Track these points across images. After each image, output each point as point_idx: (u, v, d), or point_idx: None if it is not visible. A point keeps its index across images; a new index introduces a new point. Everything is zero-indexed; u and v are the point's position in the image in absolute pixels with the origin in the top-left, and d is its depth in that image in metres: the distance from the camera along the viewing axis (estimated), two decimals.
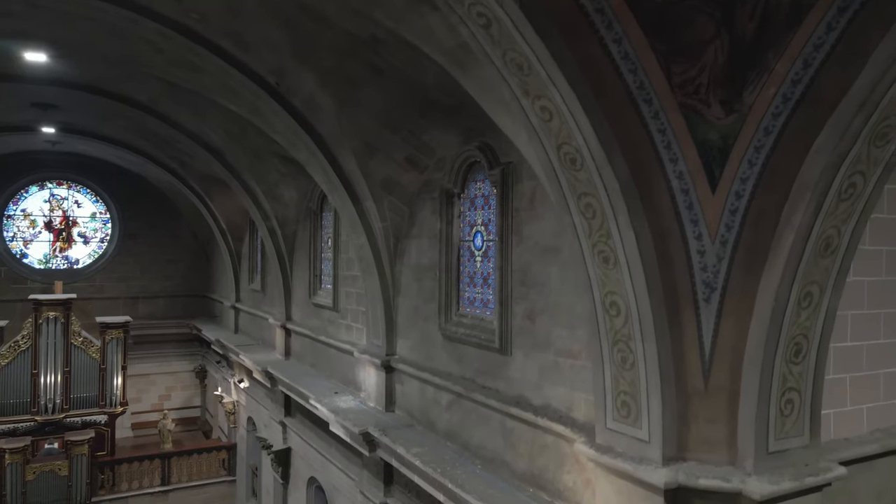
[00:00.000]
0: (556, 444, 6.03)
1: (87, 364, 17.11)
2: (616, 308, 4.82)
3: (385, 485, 9.08)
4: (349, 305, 10.85)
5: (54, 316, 16.62)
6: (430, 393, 8.24)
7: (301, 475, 12.67)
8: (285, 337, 13.53)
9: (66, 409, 16.80)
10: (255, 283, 16.43)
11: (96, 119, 14.49)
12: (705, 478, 4.48)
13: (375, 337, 9.39)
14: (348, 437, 9.12)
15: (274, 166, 12.23)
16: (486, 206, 7.36)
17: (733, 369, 4.55)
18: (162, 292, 22.33)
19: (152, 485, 16.92)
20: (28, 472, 15.29)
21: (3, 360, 16.21)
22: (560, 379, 6.07)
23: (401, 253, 9.04)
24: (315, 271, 12.31)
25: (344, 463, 10.48)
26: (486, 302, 7.32)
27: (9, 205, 20.52)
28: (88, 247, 21.61)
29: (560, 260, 6.11)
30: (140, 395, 21.55)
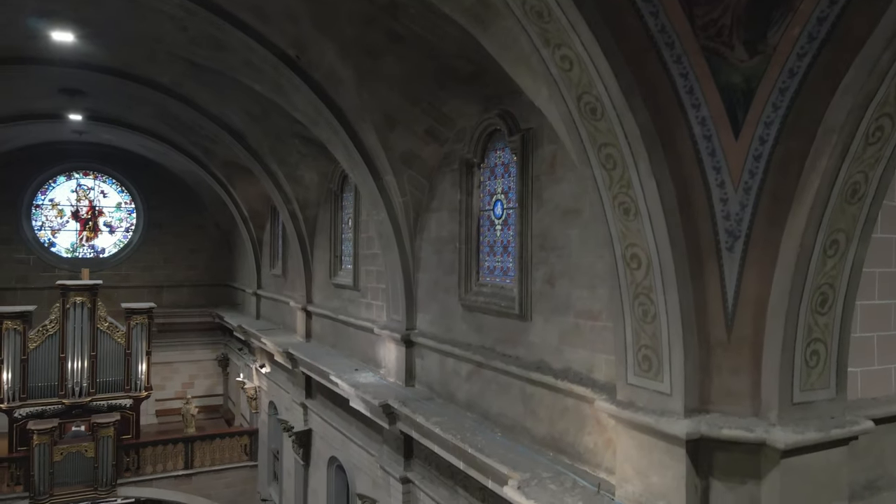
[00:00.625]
0: (576, 406, 6.00)
1: (112, 349, 17.41)
2: (637, 260, 4.78)
3: (405, 459, 9.11)
4: (369, 283, 10.89)
5: (81, 301, 16.93)
6: (449, 365, 8.25)
7: (322, 455, 12.75)
8: (306, 319, 13.63)
9: (93, 393, 17.11)
10: (276, 269, 16.58)
11: (122, 106, 14.72)
12: (728, 428, 4.43)
13: (395, 312, 9.42)
14: (368, 410, 9.16)
15: (295, 148, 12.32)
16: (505, 175, 7.34)
17: (757, 319, 4.49)
18: (185, 281, 22.63)
19: (176, 468, 17.14)
20: (56, 453, 15.59)
21: (31, 344, 16.54)
22: (580, 341, 6.04)
23: (420, 227, 9.06)
24: (335, 252, 12.39)
25: (364, 440, 10.53)
26: (505, 270, 7.31)
27: (37, 195, 20.93)
28: (114, 236, 21.98)
29: (580, 221, 6.08)
30: (164, 382, 21.87)
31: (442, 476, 8.32)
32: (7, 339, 16.28)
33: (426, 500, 8.65)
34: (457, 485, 7.96)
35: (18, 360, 16.41)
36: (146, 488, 16.87)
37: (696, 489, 4.57)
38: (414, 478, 8.89)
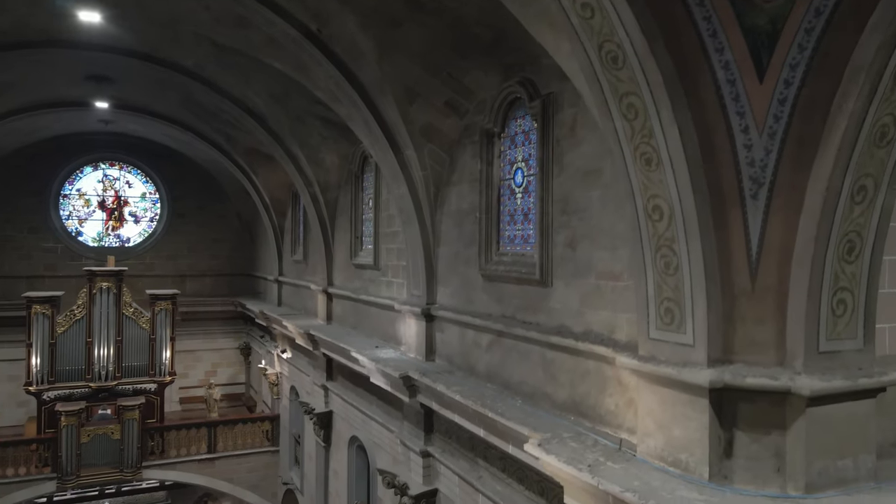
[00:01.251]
0: (597, 368, 5.97)
1: (137, 334, 17.69)
2: (659, 212, 4.74)
3: (425, 433, 9.13)
4: (389, 262, 10.94)
5: (107, 286, 17.23)
6: (469, 336, 8.25)
7: (342, 436, 12.83)
8: (327, 302, 13.72)
9: (118, 377, 17.40)
10: (297, 255, 16.72)
11: (147, 93, 14.96)
12: (752, 377, 4.38)
13: (416, 287, 9.45)
14: (388, 384, 9.20)
15: (316, 130, 12.41)
16: (526, 143, 7.33)
17: (782, 268, 4.43)
18: (209, 271, 22.91)
19: (199, 452, 17.36)
20: (83, 435, 15.88)
21: (59, 329, 16.87)
22: (602, 303, 6.01)
23: (441, 201, 9.07)
24: (356, 233, 12.45)
25: (384, 418, 10.58)
26: (526, 237, 7.30)
27: (65, 185, 21.34)
28: (139, 226, 22.33)
29: (602, 182, 6.04)
30: (187, 370, 22.14)
31: (462, 448, 8.33)
32: (36, 324, 16.62)
33: (447, 472, 8.66)
34: (477, 456, 7.97)
35: (47, 344, 16.75)
36: (170, 471, 17.10)
37: (720, 441, 4.52)
38: (434, 451, 8.91)
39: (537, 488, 6.78)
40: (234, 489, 17.77)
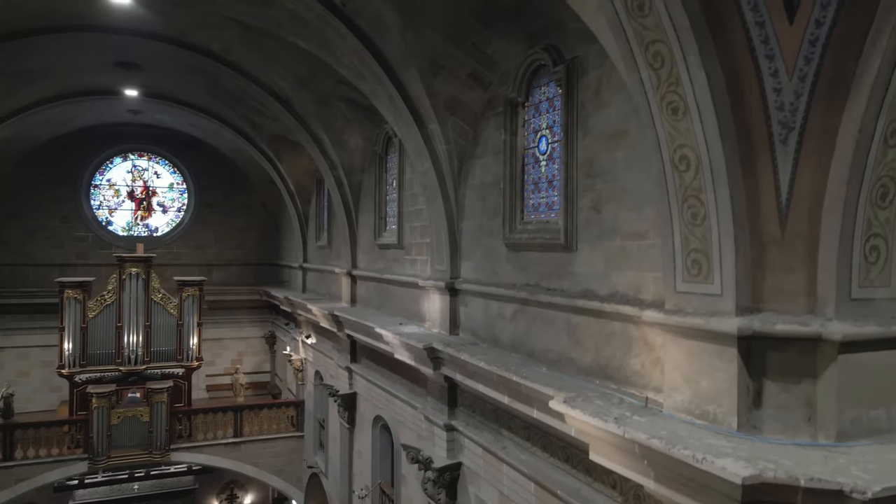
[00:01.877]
0: (623, 330, 5.93)
1: (165, 319, 17.98)
2: (686, 162, 4.69)
3: (449, 407, 9.15)
4: (413, 240, 10.97)
5: (136, 272, 17.54)
6: (493, 308, 8.24)
7: (366, 417, 12.90)
8: (351, 285, 13.81)
9: (147, 362, 17.70)
10: (321, 240, 16.85)
11: (174, 80, 15.20)
12: (782, 323, 4.31)
13: (440, 263, 9.47)
14: (412, 358, 9.23)
15: (340, 112, 12.49)
16: (550, 110, 7.30)
17: (813, 214, 4.36)
18: (235, 260, 23.20)
19: (225, 436, 17.57)
20: (113, 417, 16.18)
21: (90, 313, 17.22)
22: (627, 263, 5.96)
23: (465, 175, 9.08)
24: (380, 214, 12.51)
25: (408, 395, 10.61)
26: (550, 204, 7.27)
27: (95, 175, 21.77)
28: (167, 216, 22.69)
29: (627, 142, 6.00)
30: (214, 358, 22.44)
31: (486, 420, 8.33)
32: (68, 308, 16.99)
33: (470, 445, 8.67)
34: (501, 427, 7.96)
35: (79, 329, 17.11)
36: (198, 454, 17.34)
37: (748, 390, 4.46)
38: (458, 425, 8.92)
39: (562, 454, 6.76)
40: (260, 473, 17.96)
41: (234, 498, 23.17)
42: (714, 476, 3.88)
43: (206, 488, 22.33)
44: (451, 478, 9.01)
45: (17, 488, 15.60)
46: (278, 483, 18.15)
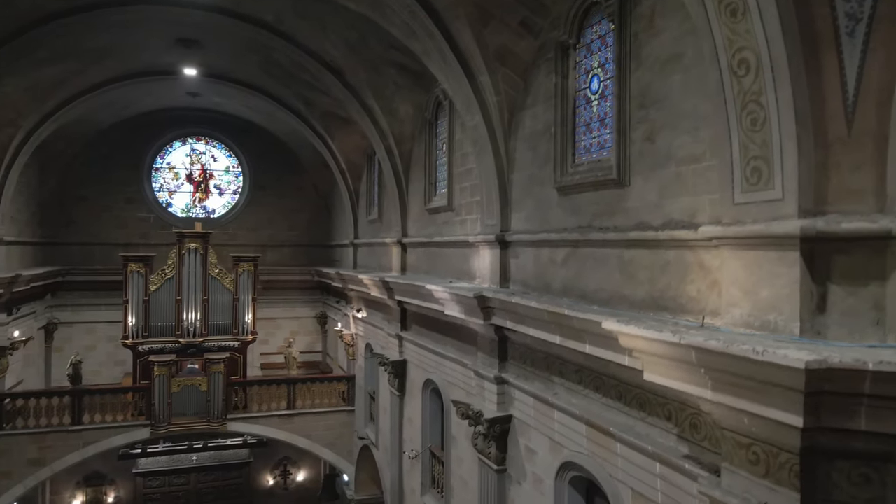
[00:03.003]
0: (678, 257, 5.81)
1: (222, 294, 18.55)
2: (745, 65, 4.56)
3: (500, 361, 9.14)
4: (463, 200, 11.00)
5: (195, 247, 18.15)
6: (545, 255, 8.19)
7: (416, 383, 13.00)
8: (401, 254, 13.94)
9: (205, 335, 18.29)
10: (372, 214, 17.07)
11: (230, 58, 15.65)
12: (849, 222, 4.14)
13: (490, 217, 9.46)
14: (463, 310, 9.26)
15: (391, 78, 12.63)
16: (602, 48, 7.21)
17: (881, 109, 4.18)
18: (287, 241, 23.72)
19: (279, 408, 17.99)
20: (173, 385, 16.79)
21: (152, 287, 17.92)
22: (682, 189, 5.84)
23: (515, 127, 9.05)
24: (430, 179, 12.60)
25: (457, 354, 10.65)
26: (602, 143, 7.18)
27: (157, 158, 22.60)
28: (223, 198, 23.38)
29: (682, 65, 5.87)
30: (268, 337, 23.00)
31: (536, 369, 8.29)
32: (132, 281, 17.71)
33: (521, 397, 8.64)
34: (552, 374, 7.91)
35: (141, 301, 17.82)
36: (253, 425, 17.82)
37: (812, 295, 4.31)
38: (508, 377, 8.91)
39: (614, 393, 6.68)
40: (313, 446, 18.31)
41: (288, 474, 23.69)
42: (776, 367, 3.77)
43: (261, 463, 22.92)
44: (502, 430, 8.99)
45: (84, 451, 16.33)
46: (330, 456, 18.47)
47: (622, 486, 6.50)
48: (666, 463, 5.80)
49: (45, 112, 15.82)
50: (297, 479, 23.73)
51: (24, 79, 14.05)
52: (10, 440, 15.77)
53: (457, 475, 10.98)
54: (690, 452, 5.57)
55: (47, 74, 14.31)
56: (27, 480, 15.92)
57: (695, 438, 5.54)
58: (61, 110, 16.13)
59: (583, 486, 7.59)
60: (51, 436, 16.07)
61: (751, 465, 4.59)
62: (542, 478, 8.13)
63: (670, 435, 5.86)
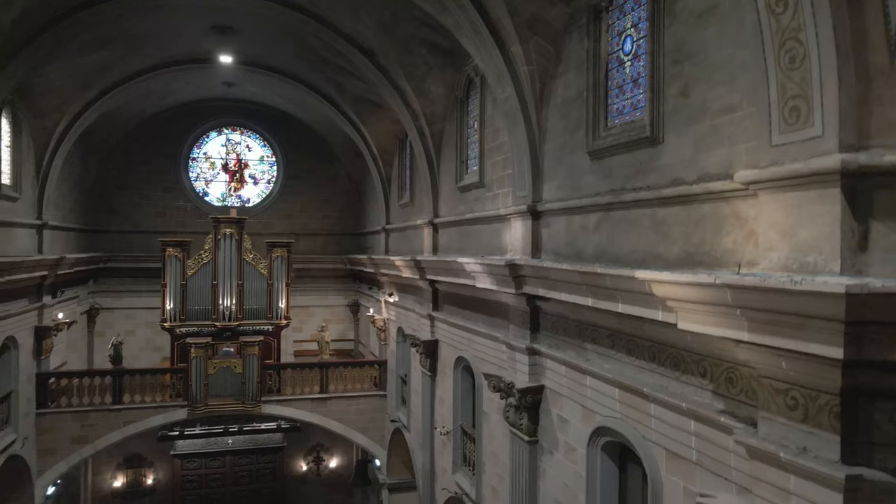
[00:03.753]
0: (713, 210, 5.71)
1: (256, 279, 18.85)
2: (783, 2, 4.47)
3: (531, 332, 9.12)
4: (494, 175, 11.00)
5: (230, 232, 18.49)
6: (576, 222, 8.14)
7: (447, 362, 13.03)
8: (433, 234, 13.99)
9: (240, 319, 18.63)
10: (403, 198, 17.16)
11: (265, 44, 15.90)
12: (892, 155, 4.03)
13: (521, 189, 9.43)
14: (495, 281, 9.25)
15: (422, 58, 12.68)
16: (635, 7, 7.13)
17: None
18: (320, 230, 24.00)
19: (312, 392, 18.20)
20: (209, 367, 17.13)
21: (189, 271, 18.31)
22: (717, 141, 5.74)
23: (546, 97, 9.01)
24: (461, 157, 12.62)
25: (489, 329, 10.64)
26: (635, 104, 7.10)
27: (193, 148, 23.09)
28: (257, 187, 23.77)
29: (717, 16, 5.77)
30: (301, 325, 23.31)
31: (569, 338, 8.25)
32: (169, 266, 18.14)
33: (553, 366, 8.60)
34: (584, 341, 7.86)
35: (179, 285, 18.24)
36: (286, 407, 18.06)
37: (853, 233, 4.20)
38: (540, 348, 8.88)
39: (648, 354, 6.61)
40: (345, 429, 18.49)
41: (321, 461, 23.98)
42: (814, 296, 3.69)
43: (294, 449, 23.24)
44: (534, 401, 8.97)
45: (125, 430, 16.78)
46: (362, 440, 18.61)
47: (656, 448, 6.43)
48: (701, 419, 5.72)
49: (88, 99, 16.30)
50: (329, 466, 24.01)
51: (68, 65, 14.50)
52: (54, 418, 16.28)
53: (488, 451, 10.98)
54: (726, 407, 5.48)
55: (90, 60, 14.73)
56: (70, 457, 16.42)
57: (730, 393, 5.45)
58: (103, 98, 16.59)
59: (615, 452, 7.53)
60: (93, 414, 16.54)
61: (789, 411, 4.51)
62: (574, 446, 8.08)
63: (705, 392, 5.78)
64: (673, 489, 6.18)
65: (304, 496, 23.46)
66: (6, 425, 14.32)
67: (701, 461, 5.78)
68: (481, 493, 11.24)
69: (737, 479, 5.31)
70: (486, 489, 11.06)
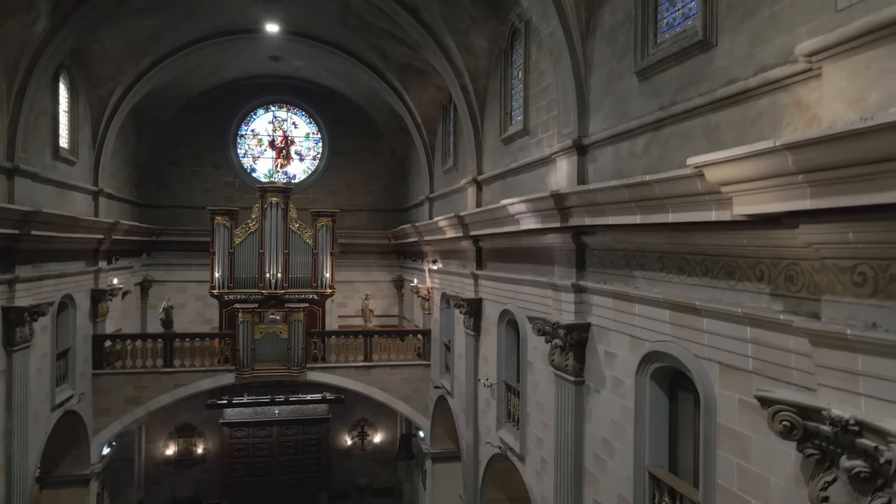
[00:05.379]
0: (771, 103, 5.42)
1: (301, 248, 19.07)
2: None
3: (577, 270, 8.91)
4: (539, 120, 10.80)
5: (276, 201, 18.75)
6: (624, 149, 7.89)
7: (491, 319, 12.89)
8: (476, 192, 13.85)
9: (286, 287, 18.87)
10: (447, 164, 17.07)
11: (310, 11, 16.04)
12: None
13: (567, 126, 9.21)
14: (539, 217, 9.07)
15: (465, 10, 12.55)
16: None
17: None
18: (364, 206, 24.16)
19: (356, 360, 18.30)
20: (256, 332, 17.39)
21: (237, 239, 18.64)
22: (776, 30, 5.43)
23: (592, 27, 8.76)
24: (505, 109, 12.46)
25: (534, 276, 10.44)
26: (686, 13, 6.83)
27: (241, 125, 23.52)
28: (303, 164, 24.06)
29: None
30: (346, 300, 23.48)
31: (616, 269, 8.02)
32: (218, 234, 18.50)
33: (599, 301, 8.38)
34: (632, 269, 7.62)
35: (227, 254, 18.59)
36: (331, 375, 18.20)
37: None
38: (586, 284, 8.65)
39: (699, 269, 6.36)
40: (389, 398, 18.52)
41: (365, 435, 24.13)
42: (888, 130, 3.42)
43: (339, 423, 23.43)
44: (579, 339, 8.76)
45: (175, 392, 17.19)
46: (405, 409, 18.61)
47: (709, 365, 6.16)
48: (758, 323, 5.44)
49: (140, 70, 16.74)
50: (374, 441, 24.14)
51: (121, 33, 14.90)
52: (109, 379, 16.80)
53: (532, 401, 10.79)
54: (785, 307, 5.20)
55: (142, 27, 15.11)
56: (124, 418, 16.91)
57: (790, 291, 5.16)
58: (154, 69, 17.01)
59: (665, 380, 7.27)
60: (145, 376, 17.01)
61: (856, 288, 4.23)
62: (621, 379, 7.85)
63: (762, 296, 5.50)
64: (727, 404, 5.91)
65: (349, 470, 23.63)
66: (64, 381, 14.82)
67: (758, 369, 5.50)
68: (525, 446, 11.06)
69: (797, 379, 5.03)
70: (531, 440, 10.87)
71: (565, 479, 9.11)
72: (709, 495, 6.05)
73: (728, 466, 5.88)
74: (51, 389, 13.85)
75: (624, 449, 7.78)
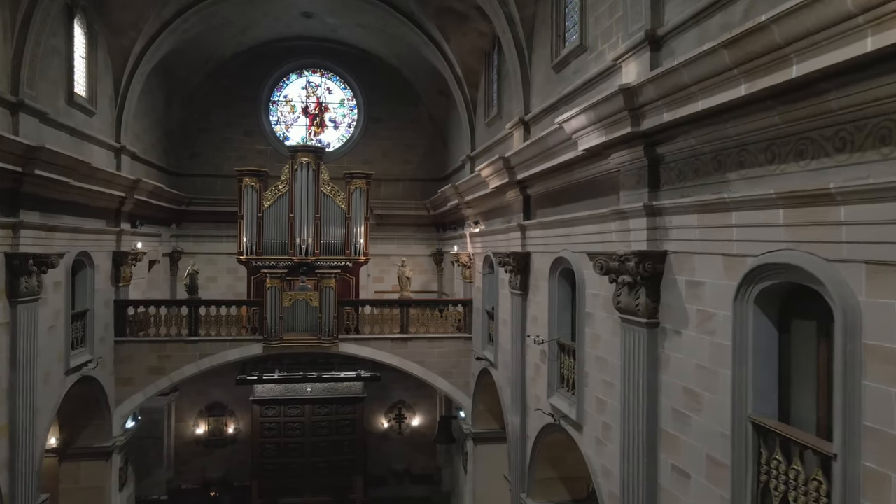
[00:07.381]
0: None
1: (334, 212, 17.89)
2: None
3: (650, 190, 7.36)
4: (599, 30, 9.26)
5: (307, 162, 17.63)
6: (715, 25, 6.34)
7: (541, 273, 11.40)
8: (523, 135, 12.37)
9: (317, 254, 17.72)
10: (490, 114, 15.63)
11: None
12: None
13: (636, 21, 7.66)
14: (603, 131, 7.56)
15: None
16: None
17: None
18: (401, 175, 22.90)
19: (392, 332, 17.02)
20: (285, 300, 16.27)
21: (266, 203, 17.57)
22: None
23: None
24: (558, 31, 10.96)
25: (593, 210, 8.90)
26: None
27: (273, 91, 22.53)
28: (338, 131, 22.94)
29: None
30: (382, 274, 22.29)
31: (702, 177, 6.46)
32: (246, 196, 17.47)
33: (680, 221, 6.83)
34: (726, 172, 6.07)
35: (255, 218, 17.54)
36: (364, 347, 16.96)
37: None
38: (662, 204, 7.09)
39: (832, 146, 4.83)
40: (427, 374, 17.17)
41: (402, 419, 22.88)
42: None
43: (375, 405, 22.22)
44: (654, 272, 7.20)
45: (200, 363, 16.20)
46: (445, 385, 17.24)
47: (850, 268, 4.58)
48: None
49: (164, 19, 15.80)
50: (412, 425, 22.87)
51: None
52: (132, 347, 15.92)
53: (591, 358, 9.26)
54: None
55: None
56: (147, 388, 16.01)
57: None
58: (178, 19, 16.04)
59: (774, 305, 5.67)
60: (169, 345, 16.08)
61: None
62: (711, 313, 6.28)
63: None
64: (879, 315, 4.32)
65: (385, 454, 22.39)
66: (81, 345, 13.92)
67: None
68: (583, 411, 9.54)
69: None
70: (589, 404, 9.34)
71: (634, 445, 7.57)
72: (852, 443, 4.47)
73: (881, 401, 4.29)
74: (65, 351, 12.92)
75: (716, 399, 6.21)
